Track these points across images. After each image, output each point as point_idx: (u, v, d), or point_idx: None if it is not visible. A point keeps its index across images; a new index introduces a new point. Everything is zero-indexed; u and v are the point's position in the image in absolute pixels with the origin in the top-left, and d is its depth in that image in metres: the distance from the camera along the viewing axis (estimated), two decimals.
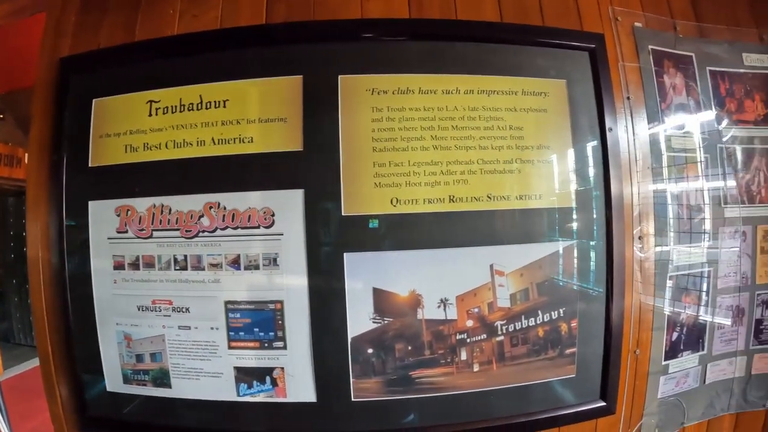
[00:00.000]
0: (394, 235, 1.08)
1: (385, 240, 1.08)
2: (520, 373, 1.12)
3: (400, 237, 1.08)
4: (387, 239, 1.08)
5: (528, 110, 1.11)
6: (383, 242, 1.08)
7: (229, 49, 1.14)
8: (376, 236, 1.08)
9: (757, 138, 1.33)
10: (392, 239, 1.08)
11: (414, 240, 1.08)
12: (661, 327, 1.21)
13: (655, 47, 1.23)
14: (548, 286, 1.11)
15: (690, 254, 1.23)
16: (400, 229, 1.08)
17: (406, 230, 1.08)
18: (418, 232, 1.08)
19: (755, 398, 1.36)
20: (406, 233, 1.08)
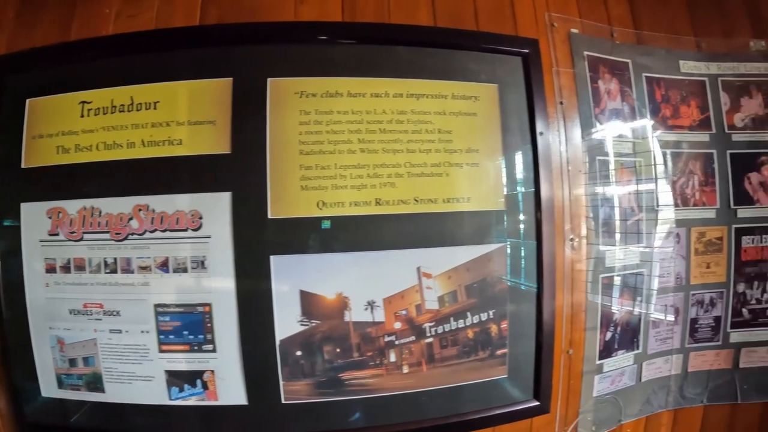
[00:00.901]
0: (320, 238, 1.01)
1: (311, 243, 1.01)
2: (451, 374, 1.06)
3: (327, 240, 1.01)
4: (313, 242, 1.01)
5: (458, 114, 1.05)
6: (309, 245, 1.01)
7: (160, 50, 1.06)
8: (302, 239, 1.01)
9: (691, 143, 1.27)
10: (318, 242, 1.01)
11: (340, 243, 1.01)
12: (594, 327, 1.15)
13: (590, 53, 1.17)
14: (477, 288, 1.04)
15: (623, 256, 1.17)
16: (327, 232, 1.01)
17: (332, 233, 1.01)
18: (344, 234, 1.01)
19: (692, 395, 1.31)
20: (333, 236, 1.01)
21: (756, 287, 1.32)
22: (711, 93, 1.30)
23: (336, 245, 1.01)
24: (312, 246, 1.01)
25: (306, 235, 1.01)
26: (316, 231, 1.01)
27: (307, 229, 1.01)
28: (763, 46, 1.34)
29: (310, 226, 1.01)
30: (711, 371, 1.32)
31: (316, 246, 1.01)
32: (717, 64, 1.31)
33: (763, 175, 1.31)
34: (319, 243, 1.01)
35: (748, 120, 1.32)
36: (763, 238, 1.31)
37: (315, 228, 1.01)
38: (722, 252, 1.30)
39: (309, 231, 1.01)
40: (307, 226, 1.01)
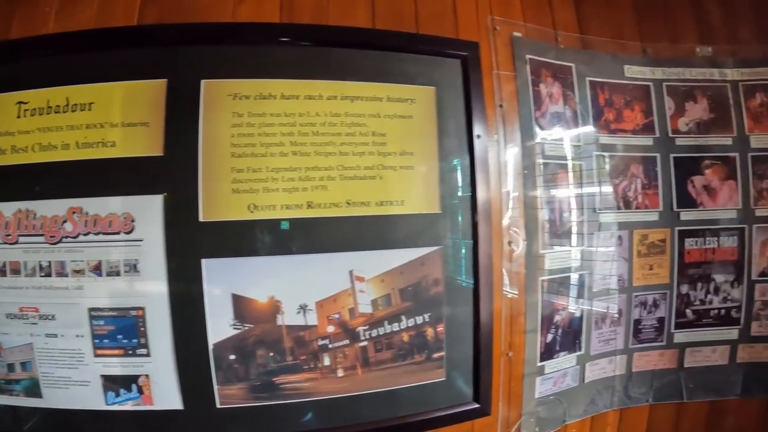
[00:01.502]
0: (251, 241, 0.95)
1: (242, 246, 0.95)
2: (387, 377, 1.01)
3: (258, 243, 0.95)
4: (245, 246, 0.95)
5: (393, 117, 0.99)
6: (241, 248, 0.95)
7: (96, 50, 1.00)
8: (233, 242, 0.95)
9: (635, 146, 1.22)
10: (250, 246, 0.95)
11: (272, 246, 0.95)
12: (534, 329, 1.10)
13: (533, 57, 1.11)
14: (412, 291, 0.99)
15: (563, 258, 1.11)
16: (258, 236, 0.95)
17: (263, 236, 0.95)
18: (276, 238, 0.95)
19: (638, 394, 1.26)
20: (264, 239, 0.95)
21: (699, 288, 1.27)
22: (655, 97, 1.24)
23: (268, 249, 0.95)
24: (244, 249, 0.95)
25: (237, 238, 0.95)
26: (248, 234, 0.95)
27: (238, 233, 0.95)
28: (709, 52, 1.29)
29: (242, 230, 0.95)
30: (656, 371, 1.27)
31: (247, 249, 0.95)
32: (662, 69, 1.25)
33: (707, 178, 1.25)
34: (250, 246, 0.95)
35: (692, 124, 1.26)
36: (706, 240, 1.26)
37: (246, 231, 0.95)
38: (665, 254, 1.24)
39: (240, 234, 0.95)
40: (238, 229, 0.95)
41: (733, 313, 1.30)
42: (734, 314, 1.30)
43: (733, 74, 1.29)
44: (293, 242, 0.95)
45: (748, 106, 1.29)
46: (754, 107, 1.30)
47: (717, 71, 1.28)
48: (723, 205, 1.27)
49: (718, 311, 1.29)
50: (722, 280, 1.28)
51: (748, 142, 1.29)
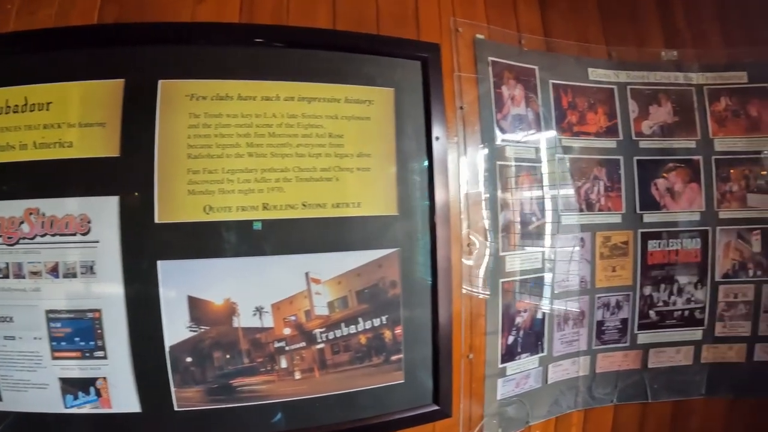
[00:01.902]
0: (207, 242, 0.91)
1: (198, 248, 0.92)
2: (345, 380, 0.97)
3: (214, 245, 0.92)
4: (200, 247, 0.92)
5: (350, 118, 0.96)
6: (197, 250, 0.92)
7: (55, 49, 0.95)
8: (189, 244, 0.91)
9: (598, 149, 1.18)
10: (206, 247, 0.91)
11: (228, 248, 0.92)
12: (495, 331, 1.06)
13: (495, 59, 1.08)
14: (369, 293, 0.96)
15: (525, 260, 1.07)
16: (214, 237, 0.91)
17: (219, 238, 0.91)
18: (232, 239, 0.91)
19: (602, 395, 1.22)
20: (220, 241, 0.91)
21: (663, 290, 1.24)
22: (619, 101, 1.21)
23: (223, 250, 0.91)
24: (199, 251, 0.91)
25: (193, 240, 0.91)
26: (203, 236, 0.91)
27: (194, 234, 0.91)
28: (674, 56, 1.25)
29: (197, 231, 0.91)
30: (620, 372, 1.24)
31: (203, 251, 0.91)
32: (627, 73, 1.22)
33: (670, 181, 1.22)
34: (206, 248, 0.91)
35: (656, 127, 1.23)
36: (669, 242, 1.23)
37: (202, 233, 0.91)
38: (628, 256, 1.21)
39: (196, 236, 0.91)
40: (194, 230, 0.91)
41: (696, 314, 1.26)
42: (698, 315, 1.26)
43: (698, 78, 1.26)
44: (249, 244, 0.92)
45: (712, 110, 1.26)
46: (719, 111, 1.26)
47: (682, 75, 1.25)
48: (686, 207, 1.24)
49: (682, 312, 1.26)
50: (686, 282, 1.25)
51: (712, 146, 1.25)
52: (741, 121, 1.27)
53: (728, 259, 1.27)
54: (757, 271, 1.27)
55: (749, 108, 1.27)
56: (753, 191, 1.26)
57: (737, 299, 1.27)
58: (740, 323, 1.28)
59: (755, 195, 1.26)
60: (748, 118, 1.27)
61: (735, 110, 1.27)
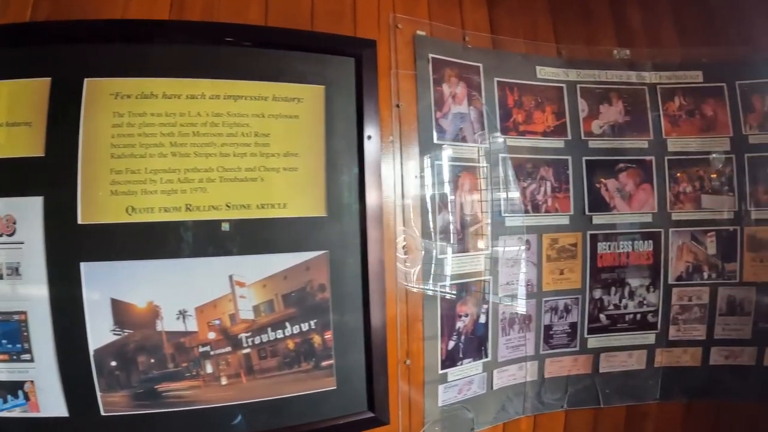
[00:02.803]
0: (130, 244, 0.83)
1: (121, 249, 0.83)
2: (274, 386, 0.88)
3: (137, 246, 0.83)
4: (123, 249, 0.83)
5: (277, 116, 0.86)
6: (120, 252, 0.83)
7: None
8: (111, 246, 0.82)
9: (545, 149, 1.07)
10: (129, 249, 0.83)
11: (151, 249, 0.82)
12: (434, 336, 0.96)
13: (436, 56, 0.98)
14: (296, 297, 0.86)
15: (465, 263, 0.96)
16: (137, 239, 0.82)
17: (142, 239, 0.82)
18: (154, 241, 0.82)
19: (551, 400, 1.11)
20: (143, 242, 0.82)
21: (614, 293, 1.12)
22: (568, 99, 1.10)
23: (146, 252, 0.82)
24: (122, 252, 0.82)
25: (115, 241, 0.82)
26: (126, 237, 0.82)
27: (116, 235, 0.82)
28: (627, 54, 1.14)
29: (120, 232, 0.82)
30: (570, 376, 1.13)
31: (125, 253, 0.82)
32: (577, 71, 1.11)
33: (621, 182, 1.10)
34: (128, 249, 0.82)
35: (606, 127, 1.12)
36: (620, 245, 1.11)
37: (124, 234, 0.82)
38: (577, 258, 1.10)
39: (118, 237, 0.82)
40: (116, 232, 0.82)
41: (649, 317, 1.15)
42: (651, 319, 1.15)
43: (651, 77, 1.15)
44: (171, 245, 0.83)
45: (665, 109, 1.14)
46: (672, 110, 1.15)
47: (635, 74, 1.14)
48: (638, 208, 1.13)
49: (634, 316, 1.15)
50: (638, 285, 1.14)
51: (665, 146, 1.14)
52: (695, 121, 1.15)
53: (682, 261, 1.15)
54: (712, 273, 1.15)
55: (704, 108, 1.15)
56: (707, 192, 1.14)
57: (692, 302, 1.15)
58: (695, 326, 1.16)
59: (709, 196, 1.14)
60: (703, 118, 1.15)
61: (689, 110, 1.15)
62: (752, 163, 1.15)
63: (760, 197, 1.15)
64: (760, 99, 1.16)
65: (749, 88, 1.16)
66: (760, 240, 1.15)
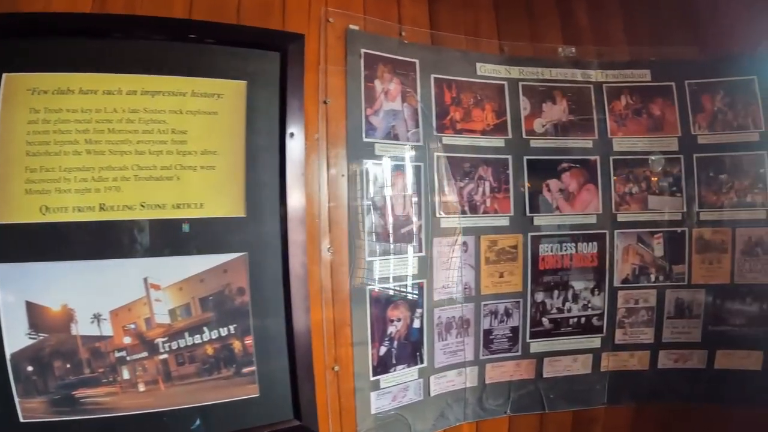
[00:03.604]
0: (44, 245, 0.85)
1: (35, 250, 0.85)
2: (194, 393, 0.91)
3: (50, 247, 0.85)
4: (38, 249, 0.85)
5: (196, 113, 0.90)
6: (34, 252, 0.85)
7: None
8: (25, 246, 0.84)
9: (484, 147, 1.12)
10: (42, 249, 0.85)
11: (64, 250, 0.85)
12: (364, 342, 1.01)
13: (369, 51, 1.02)
14: (214, 301, 0.90)
15: (396, 266, 1.00)
16: (51, 239, 0.85)
17: (56, 240, 0.85)
18: (68, 242, 0.85)
19: (494, 406, 1.17)
20: (57, 243, 0.85)
21: (556, 296, 1.18)
22: (510, 97, 1.16)
23: (60, 253, 0.85)
24: (36, 253, 0.84)
25: (29, 241, 0.84)
26: (39, 237, 0.84)
27: (31, 236, 0.84)
28: (572, 52, 1.20)
29: (34, 233, 0.84)
30: (512, 382, 1.18)
31: (39, 253, 0.84)
32: (519, 68, 1.17)
33: (564, 182, 1.15)
34: (42, 250, 0.84)
35: (549, 126, 1.17)
36: (563, 246, 1.16)
37: (39, 234, 0.84)
38: (517, 261, 1.15)
39: (33, 237, 0.84)
40: (30, 232, 0.84)
41: (594, 321, 1.21)
42: (596, 322, 1.21)
43: (597, 75, 1.21)
44: (85, 246, 0.85)
45: (611, 109, 1.20)
46: (619, 110, 1.21)
47: (580, 72, 1.20)
48: (582, 209, 1.18)
49: (578, 319, 1.20)
50: (582, 288, 1.19)
51: (610, 145, 1.20)
52: (643, 121, 1.21)
53: (628, 263, 1.21)
54: (659, 275, 1.21)
55: (652, 107, 1.21)
56: (654, 193, 1.20)
57: (638, 305, 1.21)
58: (642, 330, 1.22)
59: (656, 197, 1.20)
60: (651, 118, 1.21)
61: (637, 109, 1.21)
62: (701, 163, 1.21)
63: (709, 198, 1.21)
64: (710, 99, 1.22)
65: (698, 87, 1.22)
66: (708, 242, 1.21)
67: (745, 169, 1.21)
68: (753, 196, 1.20)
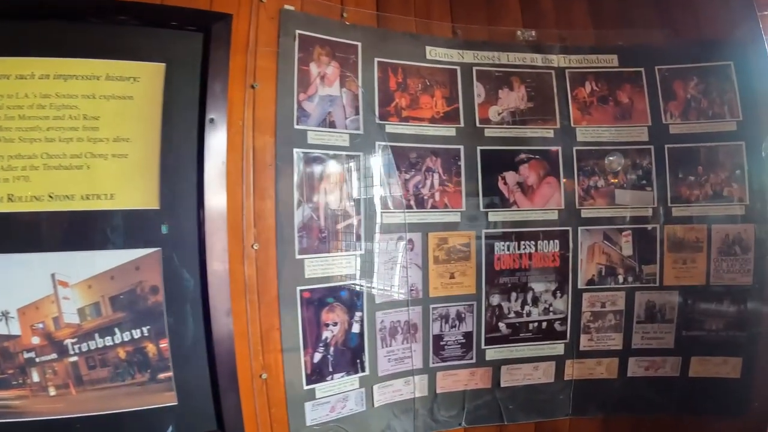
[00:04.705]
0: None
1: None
2: (107, 399, 0.94)
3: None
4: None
5: (109, 97, 0.93)
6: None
7: None
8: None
9: (432, 137, 1.15)
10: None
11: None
12: (295, 347, 1.04)
13: (305, 33, 1.05)
14: (125, 300, 0.93)
15: (331, 264, 1.02)
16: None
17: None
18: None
19: (446, 417, 1.20)
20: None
21: (514, 299, 1.20)
22: (462, 83, 1.19)
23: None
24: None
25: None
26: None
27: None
28: (533, 36, 1.23)
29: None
30: (467, 391, 1.21)
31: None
32: (474, 53, 1.20)
33: (523, 174, 1.18)
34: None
35: (506, 114, 1.21)
36: (521, 245, 1.18)
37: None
38: (470, 260, 1.18)
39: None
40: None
41: (557, 326, 1.23)
42: (558, 327, 1.23)
43: (559, 60, 1.25)
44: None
45: (575, 96, 1.24)
46: (583, 97, 1.24)
47: (540, 57, 1.24)
48: (542, 204, 1.22)
49: (539, 324, 1.23)
50: (542, 290, 1.22)
51: (573, 135, 1.23)
52: (609, 109, 1.25)
53: (593, 263, 1.24)
54: (628, 276, 1.24)
55: (619, 94, 1.25)
56: (622, 187, 1.22)
57: (605, 309, 1.24)
58: (610, 335, 1.25)
59: (624, 191, 1.23)
60: (618, 106, 1.25)
61: (602, 96, 1.25)
62: (673, 155, 1.24)
63: (682, 193, 1.24)
64: (682, 85, 1.26)
65: (670, 73, 1.26)
66: (682, 239, 1.24)
67: (721, 161, 1.24)
68: (730, 191, 1.24)
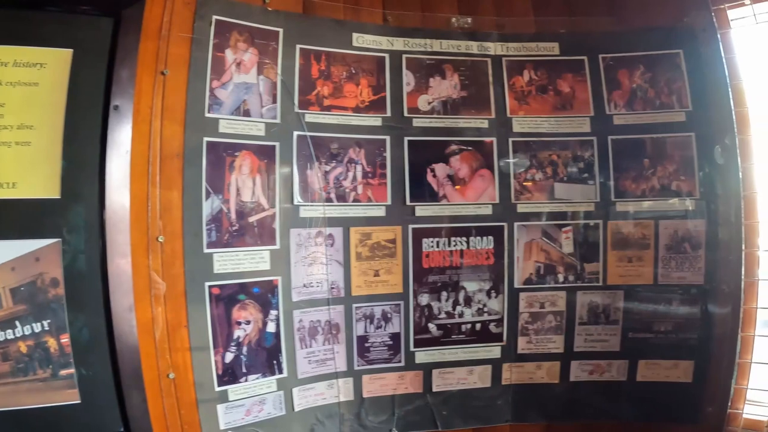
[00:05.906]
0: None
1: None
2: (8, 395, 1.03)
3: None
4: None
5: (15, 84, 1.04)
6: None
7: None
8: None
9: (356, 127, 1.26)
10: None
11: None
12: (204, 346, 1.14)
13: (222, 18, 1.17)
14: (26, 292, 1.03)
15: (243, 259, 1.12)
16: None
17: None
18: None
19: (375, 423, 1.31)
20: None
21: (445, 299, 1.31)
22: (391, 71, 1.31)
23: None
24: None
25: None
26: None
27: None
28: (468, 23, 1.35)
29: None
30: (397, 396, 1.32)
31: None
32: (404, 40, 1.33)
33: (453, 166, 1.28)
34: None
35: (436, 103, 1.32)
36: (452, 241, 1.28)
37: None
38: (396, 257, 1.29)
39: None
40: None
41: (492, 327, 1.34)
42: (494, 329, 1.34)
43: (496, 48, 1.37)
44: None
45: (512, 85, 1.36)
46: (520, 86, 1.36)
47: (476, 44, 1.36)
48: (475, 199, 1.33)
49: (473, 326, 1.34)
50: (476, 289, 1.33)
51: (509, 125, 1.35)
52: (548, 98, 1.37)
53: (531, 261, 1.34)
54: (569, 275, 1.35)
55: (560, 83, 1.38)
56: (562, 180, 1.33)
57: (544, 309, 1.34)
58: (550, 338, 1.35)
59: (564, 185, 1.33)
60: (558, 95, 1.38)
61: (542, 85, 1.37)
62: (617, 146, 1.36)
63: (627, 186, 1.36)
64: (628, 74, 1.38)
65: (615, 62, 1.39)
66: (627, 236, 1.36)
67: (669, 153, 1.37)
68: (679, 184, 1.36)
